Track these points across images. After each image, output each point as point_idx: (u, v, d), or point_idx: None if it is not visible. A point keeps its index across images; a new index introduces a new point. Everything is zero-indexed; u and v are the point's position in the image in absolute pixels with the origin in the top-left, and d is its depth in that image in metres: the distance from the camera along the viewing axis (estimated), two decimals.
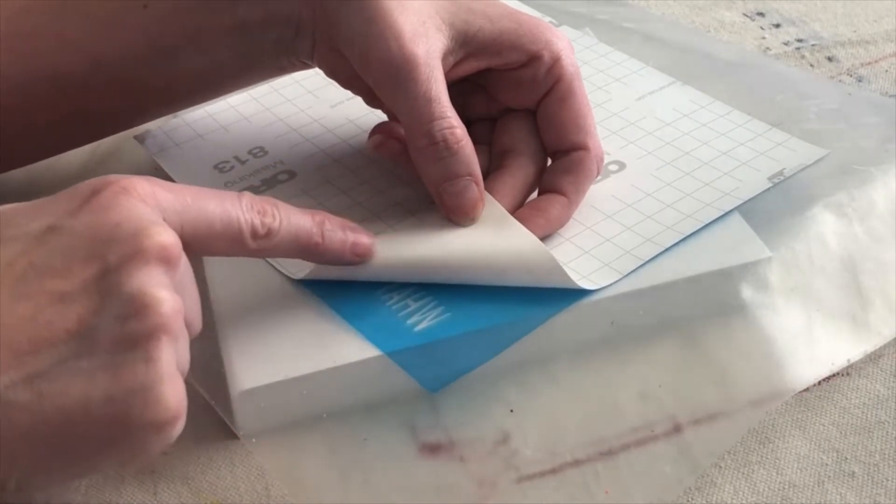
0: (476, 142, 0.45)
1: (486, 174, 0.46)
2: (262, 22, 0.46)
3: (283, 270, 0.45)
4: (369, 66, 0.44)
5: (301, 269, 0.44)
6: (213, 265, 0.45)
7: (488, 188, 0.45)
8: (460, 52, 0.45)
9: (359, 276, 0.43)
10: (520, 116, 0.48)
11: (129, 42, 0.46)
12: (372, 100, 0.48)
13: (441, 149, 0.43)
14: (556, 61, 0.46)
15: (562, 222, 0.46)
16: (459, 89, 0.47)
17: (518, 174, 0.46)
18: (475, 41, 0.45)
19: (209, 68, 0.48)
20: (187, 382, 0.39)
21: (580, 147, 0.46)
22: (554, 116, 0.46)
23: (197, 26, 0.46)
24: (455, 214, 0.44)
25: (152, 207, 0.34)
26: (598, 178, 0.49)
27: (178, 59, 0.46)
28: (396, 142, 0.48)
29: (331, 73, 0.48)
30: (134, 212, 0.33)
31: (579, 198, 0.46)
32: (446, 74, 0.44)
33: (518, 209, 0.46)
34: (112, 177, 0.34)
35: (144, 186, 0.34)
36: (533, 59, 0.46)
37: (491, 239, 0.43)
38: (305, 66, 0.48)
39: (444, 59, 0.44)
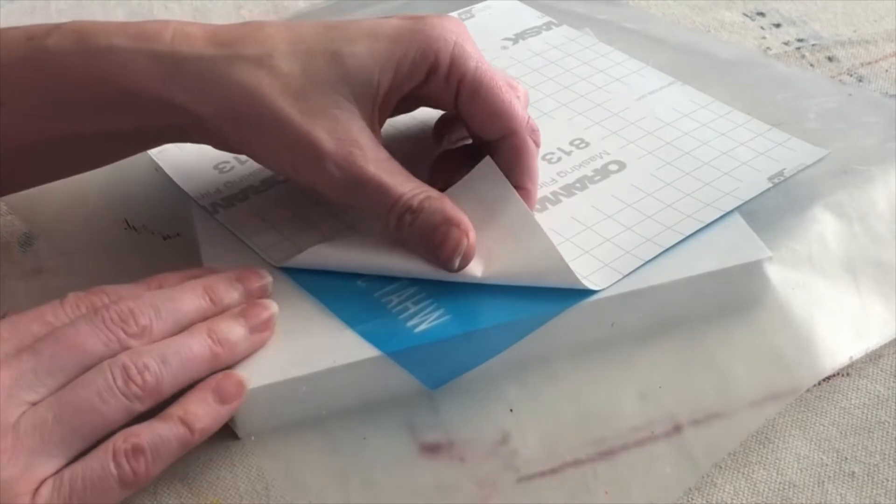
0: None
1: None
2: (134, 131, 0.44)
3: (265, 257, 0.45)
4: (311, 184, 0.44)
5: (286, 255, 0.45)
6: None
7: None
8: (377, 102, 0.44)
9: (358, 270, 0.44)
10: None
11: None
12: None
13: (407, 217, 0.42)
14: (453, 61, 0.43)
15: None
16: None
17: None
18: (381, 91, 0.43)
19: (76, 163, 0.46)
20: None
21: (506, 132, 0.45)
22: (472, 113, 0.45)
23: (59, 131, 0.43)
24: (448, 263, 0.43)
25: None
26: (598, 178, 0.49)
27: (39, 157, 0.45)
28: None
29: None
30: None
31: (536, 179, 0.46)
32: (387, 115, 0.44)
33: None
34: None
35: None
36: (430, 72, 0.44)
37: (501, 237, 0.43)
38: None
39: (373, 122, 0.43)
